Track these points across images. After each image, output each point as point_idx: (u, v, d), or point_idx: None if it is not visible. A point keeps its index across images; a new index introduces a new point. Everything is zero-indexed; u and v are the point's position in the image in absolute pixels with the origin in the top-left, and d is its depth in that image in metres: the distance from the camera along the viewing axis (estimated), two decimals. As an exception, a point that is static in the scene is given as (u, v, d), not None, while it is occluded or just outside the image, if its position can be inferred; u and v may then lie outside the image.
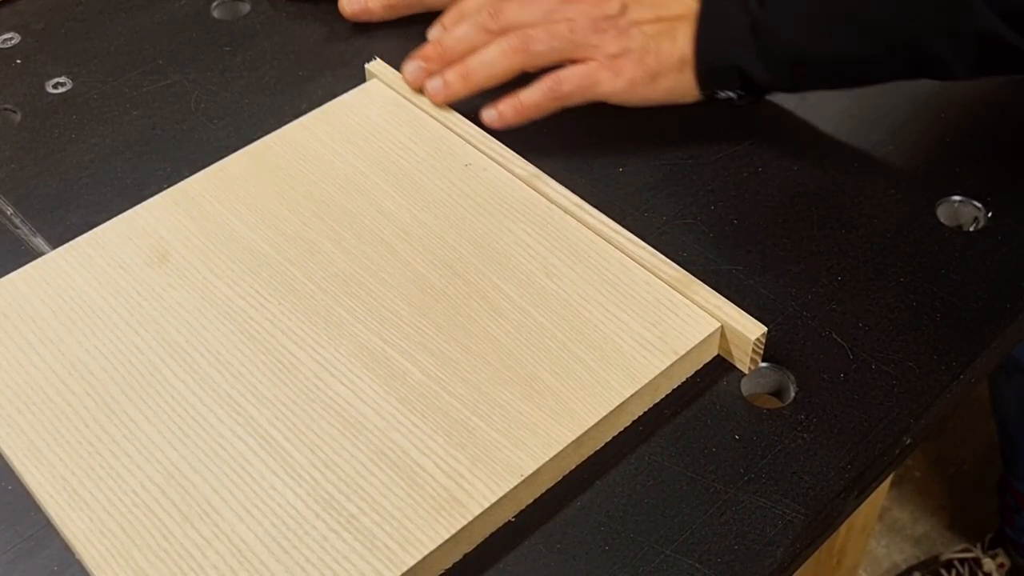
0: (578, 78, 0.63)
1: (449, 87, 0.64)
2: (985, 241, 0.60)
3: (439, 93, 0.64)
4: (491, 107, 0.64)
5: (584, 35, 0.62)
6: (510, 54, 0.63)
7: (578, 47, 0.63)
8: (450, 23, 0.67)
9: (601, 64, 0.62)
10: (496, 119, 0.64)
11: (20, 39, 0.75)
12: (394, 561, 0.45)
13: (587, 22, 0.63)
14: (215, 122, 0.69)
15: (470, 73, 0.64)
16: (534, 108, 0.63)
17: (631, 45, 0.62)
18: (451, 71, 0.64)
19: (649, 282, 0.56)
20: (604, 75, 0.62)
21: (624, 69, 0.62)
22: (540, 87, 0.63)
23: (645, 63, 0.62)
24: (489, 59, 0.63)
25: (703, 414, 0.53)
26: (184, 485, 0.48)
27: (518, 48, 0.63)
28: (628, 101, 0.64)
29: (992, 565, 1.30)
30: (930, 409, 0.53)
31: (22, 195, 0.64)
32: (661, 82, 0.63)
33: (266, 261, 0.57)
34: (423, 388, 0.51)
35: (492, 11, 0.64)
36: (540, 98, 0.63)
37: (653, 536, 0.48)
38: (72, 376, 0.53)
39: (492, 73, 0.63)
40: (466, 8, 0.67)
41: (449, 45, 0.65)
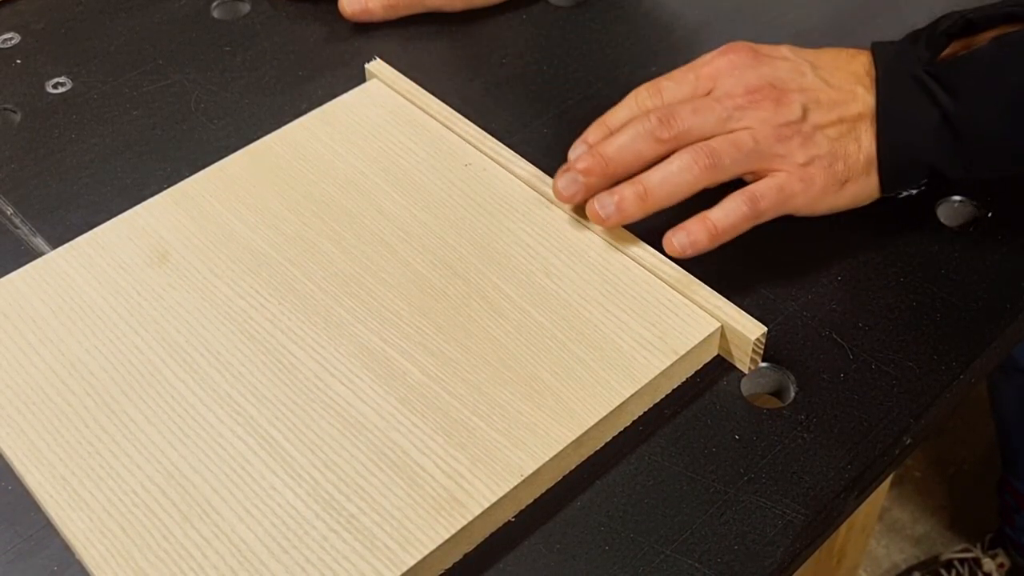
0: (774, 192, 0.56)
1: (623, 209, 0.56)
2: (985, 241, 0.60)
3: (612, 216, 0.56)
4: (680, 232, 0.56)
5: (769, 144, 0.56)
6: (697, 171, 0.56)
7: (763, 158, 0.56)
8: (597, 138, 0.59)
9: (792, 176, 0.56)
10: (689, 247, 0.56)
11: (20, 39, 0.75)
12: (394, 561, 0.45)
13: (770, 130, 0.56)
14: (215, 122, 0.69)
15: (649, 191, 0.56)
16: (730, 231, 0.56)
17: (819, 152, 0.57)
18: (627, 188, 0.56)
19: (649, 282, 0.56)
20: (797, 187, 0.56)
21: (816, 178, 0.57)
22: (736, 208, 0.56)
23: (835, 170, 0.57)
24: (671, 175, 0.56)
25: (703, 414, 0.53)
26: (184, 485, 0.48)
27: (705, 165, 0.55)
28: (816, 212, 0.58)
29: (992, 565, 1.30)
30: (930, 409, 0.53)
31: (22, 195, 0.64)
32: (849, 188, 0.58)
33: (266, 261, 0.57)
34: (423, 388, 0.51)
35: (663, 116, 0.56)
36: (736, 219, 0.56)
37: (653, 536, 0.48)
38: (72, 376, 0.53)
39: (674, 192, 0.56)
40: (617, 118, 0.59)
41: (612, 155, 0.56)
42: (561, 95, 0.69)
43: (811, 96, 0.58)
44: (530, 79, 0.71)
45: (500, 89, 0.70)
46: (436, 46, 0.74)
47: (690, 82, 0.59)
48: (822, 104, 0.58)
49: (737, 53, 0.59)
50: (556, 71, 0.71)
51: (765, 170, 0.57)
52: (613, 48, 0.73)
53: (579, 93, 0.69)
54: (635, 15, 0.76)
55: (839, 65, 0.59)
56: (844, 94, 0.58)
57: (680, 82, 0.59)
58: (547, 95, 0.69)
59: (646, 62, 0.72)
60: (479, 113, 0.66)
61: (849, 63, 0.59)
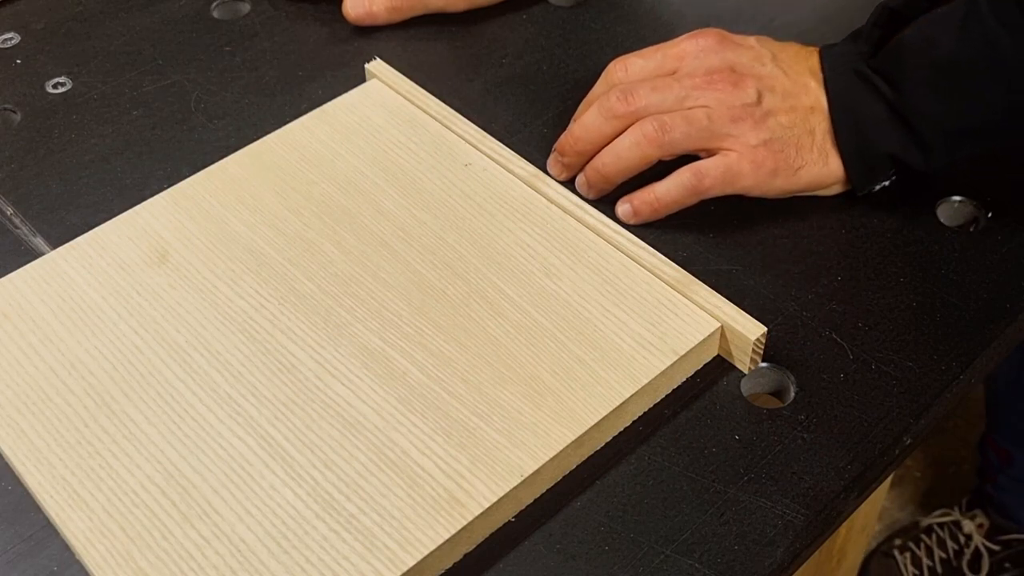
0: (720, 170, 0.59)
1: (592, 186, 0.61)
2: (985, 241, 0.60)
3: (586, 193, 0.62)
4: (625, 201, 0.60)
5: (722, 124, 0.58)
6: (645, 144, 0.59)
7: (715, 137, 0.59)
8: (580, 110, 0.64)
9: (742, 156, 0.58)
10: (631, 215, 0.60)
11: (20, 39, 0.75)
12: (394, 561, 0.45)
13: (725, 110, 0.59)
14: (215, 122, 0.69)
15: (604, 167, 0.60)
16: (672, 204, 0.60)
17: (770, 136, 0.59)
18: (589, 167, 0.61)
19: (649, 282, 0.56)
20: (746, 167, 0.58)
21: (766, 160, 0.59)
22: (680, 182, 0.59)
23: (786, 155, 0.59)
24: (622, 150, 0.59)
25: (703, 414, 0.53)
26: (184, 485, 0.48)
27: (653, 137, 0.59)
28: (768, 193, 0.60)
29: (972, 526, 1.31)
30: (930, 409, 0.53)
31: (22, 195, 0.64)
32: (803, 174, 0.59)
33: (266, 261, 0.57)
34: (423, 388, 0.51)
35: (620, 94, 0.60)
36: (679, 194, 0.59)
37: (653, 536, 0.48)
38: (72, 376, 0.53)
39: (626, 166, 0.60)
40: (593, 94, 0.64)
41: (578, 134, 0.61)
42: (561, 95, 0.69)
43: (767, 83, 0.60)
44: (530, 79, 0.71)
45: (500, 89, 0.70)
46: (436, 46, 0.74)
47: (657, 60, 0.62)
48: (776, 92, 0.60)
49: (705, 37, 0.62)
50: (556, 71, 0.71)
51: (717, 148, 0.59)
52: (613, 48, 0.73)
53: (579, 93, 0.69)
54: (635, 15, 0.76)
55: (798, 59, 0.61)
56: (799, 86, 0.60)
57: (648, 59, 0.62)
58: (547, 95, 0.69)
59: (646, 62, 0.71)
60: (479, 113, 0.66)
61: (806, 59, 0.61)
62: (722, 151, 0.59)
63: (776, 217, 0.61)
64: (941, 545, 1.31)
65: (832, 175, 0.60)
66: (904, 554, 1.32)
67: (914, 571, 1.31)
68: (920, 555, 1.32)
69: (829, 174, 0.60)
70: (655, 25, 0.75)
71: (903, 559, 1.32)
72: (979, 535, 1.30)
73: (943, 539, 1.32)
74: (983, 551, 1.29)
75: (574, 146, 0.62)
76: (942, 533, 1.32)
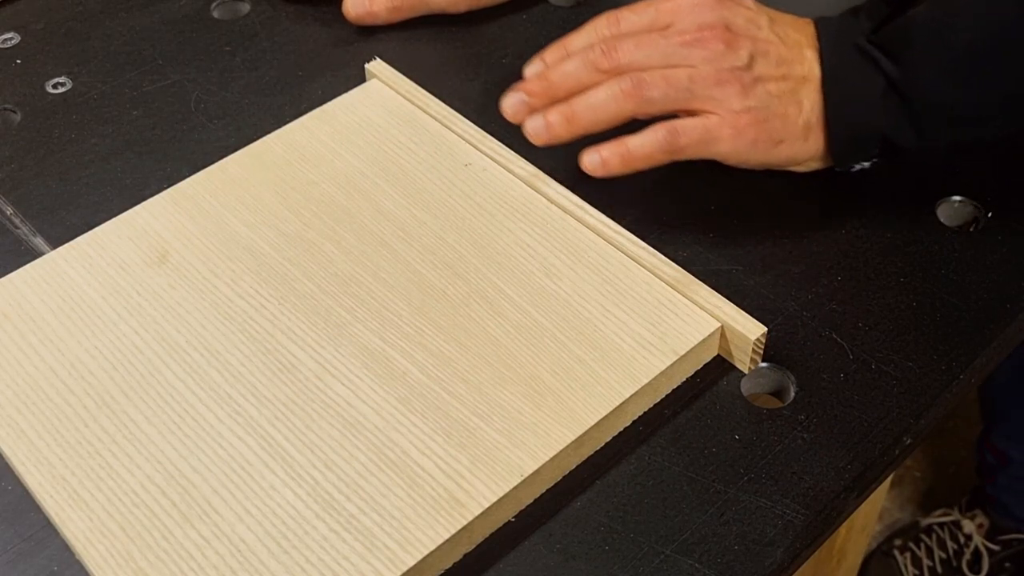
0: (698, 132, 0.56)
1: (551, 128, 0.58)
2: (985, 241, 0.60)
3: (540, 135, 0.58)
4: (593, 151, 0.58)
5: (705, 86, 0.56)
6: (621, 98, 0.57)
7: (696, 98, 0.56)
8: (553, 59, 0.61)
9: (723, 120, 0.56)
10: (599, 166, 0.58)
11: (20, 39, 0.75)
12: (394, 561, 0.45)
13: (710, 71, 0.56)
14: (215, 122, 0.69)
15: (575, 115, 0.58)
16: (644, 159, 0.57)
17: (754, 103, 0.56)
18: (555, 111, 0.58)
19: (649, 282, 0.56)
20: (725, 132, 0.56)
21: (747, 129, 0.56)
22: (654, 137, 0.57)
23: (770, 126, 0.57)
24: (597, 102, 0.57)
25: (703, 414, 0.53)
26: (184, 485, 0.48)
27: (630, 93, 0.56)
28: (746, 163, 0.58)
29: (972, 526, 1.31)
30: (930, 409, 0.53)
31: (22, 195, 0.64)
32: (784, 148, 0.58)
33: (266, 261, 0.57)
34: (423, 388, 0.51)
35: (605, 48, 0.58)
36: (652, 149, 0.57)
37: (653, 536, 0.48)
38: (72, 376, 0.53)
39: (599, 118, 0.57)
40: (574, 44, 0.60)
41: (556, 80, 0.59)
42: (561, 95, 0.69)
43: (761, 47, 0.58)
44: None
45: (500, 89, 0.70)
46: (436, 46, 0.74)
47: (650, 15, 0.59)
48: (770, 57, 0.58)
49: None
50: (556, 71, 0.71)
51: (698, 110, 0.57)
52: (613, 48, 0.73)
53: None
54: (635, 15, 0.75)
55: (796, 27, 0.60)
56: (794, 53, 0.58)
57: (640, 14, 0.60)
58: (547, 95, 0.69)
59: (646, 62, 0.71)
60: (479, 113, 0.66)
61: (803, 28, 0.60)
62: (703, 113, 0.57)
63: (776, 217, 0.61)
64: (941, 545, 1.32)
65: (811, 151, 0.59)
66: (904, 554, 1.32)
67: (914, 571, 1.31)
68: (920, 555, 1.32)
69: (807, 149, 0.58)
70: (655, 25, 0.75)
71: (903, 559, 1.32)
72: (979, 535, 1.30)
73: (943, 539, 1.32)
74: (983, 551, 1.29)
75: (548, 91, 0.59)
76: (942, 533, 1.32)
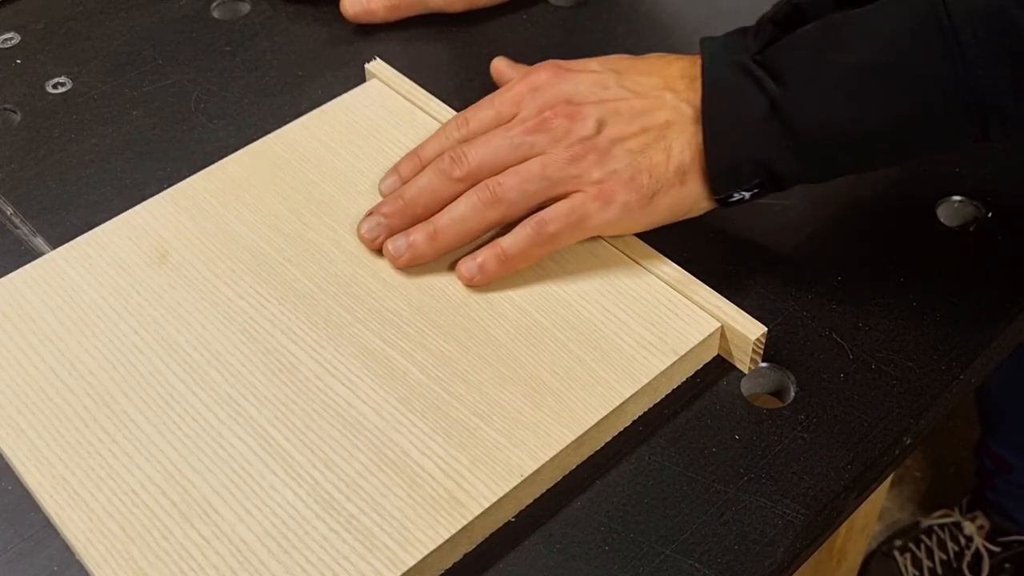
0: (563, 216, 0.55)
1: (414, 248, 0.56)
2: (985, 241, 0.60)
3: (402, 256, 0.56)
4: (470, 259, 0.56)
5: (559, 168, 0.55)
6: (482, 209, 0.55)
7: (556, 184, 0.55)
8: (407, 172, 0.59)
9: (587, 195, 0.55)
10: (477, 273, 0.55)
11: (20, 39, 0.75)
12: (394, 561, 0.45)
13: (561, 152, 0.55)
14: (215, 122, 0.69)
15: (438, 233, 0.56)
16: (520, 257, 0.55)
17: (616, 167, 0.54)
18: (418, 230, 0.56)
19: (649, 282, 0.56)
20: (592, 206, 0.55)
21: (615, 194, 0.54)
22: (523, 233, 0.55)
23: (638, 183, 0.55)
24: (459, 215, 0.56)
25: (703, 414, 0.53)
26: (184, 485, 0.48)
27: (489, 201, 0.55)
28: (629, 228, 0.56)
29: (972, 528, 1.31)
30: (930, 409, 0.53)
31: (22, 195, 0.64)
32: (661, 200, 0.55)
33: (266, 261, 0.57)
34: (423, 388, 0.51)
35: (453, 156, 0.56)
36: (525, 245, 0.55)
37: (653, 536, 0.48)
38: (72, 376, 0.53)
39: (465, 231, 0.56)
40: (426, 152, 0.60)
41: (411, 197, 0.57)
42: (561, 95, 0.69)
43: (610, 108, 0.56)
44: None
45: (500, 89, 0.70)
46: (436, 46, 0.74)
47: (495, 108, 0.58)
48: (622, 115, 0.56)
49: (539, 72, 0.58)
50: (556, 71, 0.71)
51: (563, 194, 0.55)
52: (613, 48, 0.72)
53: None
54: (635, 15, 0.76)
55: (653, 71, 0.57)
56: (650, 102, 0.56)
57: (486, 109, 0.59)
58: (547, 95, 0.69)
59: (646, 62, 0.71)
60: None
61: (666, 67, 0.57)
62: (570, 195, 0.55)
63: (776, 217, 0.61)
64: (941, 546, 1.31)
65: (692, 194, 0.55)
66: (904, 555, 1.32)
67: (914, 572, 1.31)
68: (920, 556, 1.32)
69: (688, 193, 0.55)
70: (654, 25, 0.75)
71: (903, 560, 1.32)
72: (979, 536, 1.30)
73: (943, 540, 1.32)
74: (983, 552, 1.29)
75: (405, 210, 0.57)
76: (942, 534, 1.32)
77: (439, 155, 0.58)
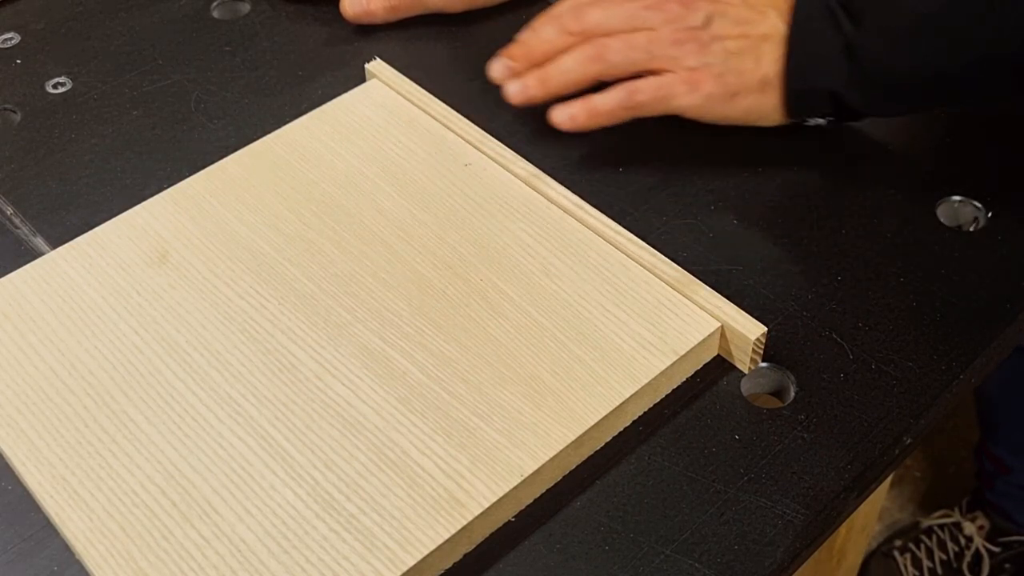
0: (653, 89, 0.61)
1: (527, 90, 0.64)
2: (985, 241, 0.60)
3: (517, 95, 0.64)
4: (563, 107, 0.63)
5: (662, 47, 0.61)
6: (585, 63, 0.62)
7: (655, 59, 0.61)
8: (539, 25, 0.66)
9: (678, 77, 0.61)
10: (567, 120, 0.63)
11: (20, 39, 0.75)
12: (394, 561, 0.45)
13: (668, 32, 0.61)
14: (215, 122, 0.69)
15: (548, 79, 0.63)
16: (607, 115, 0.62)
17: (711, 60, 0.61)
18: (531, 75, 0.64)
19: (649, 282, 0.56)
20: (680, 88, 0.61)
21: (702, 84, 0.61)
22: (615, 94, 0.62)
23: (725, 80, 0.61)
24: (566, 67, 0.62)
25: (703, 414, 0.53)
26: (184, 485, 0.48)
27: (594, 57, 0.62)
28: (703, 117, 0.62)
29: (972, 528, 1.31)
30: (930, 409, 0.53)
31: (22, 195, 0.64)
32: (740, 101, 0.61)
33: (266, 261, 0.57)
34: (423, 388, 0.51)
35: (576, 15, 0.64)
36: (614, 105, 0.62)
37: (653, 536, 0.48)
38: (72, 376, 0.53)
39: (568, 80, 0.63)
40: (554, 10, 0.66)
41: (533, 46, 0.64)
42: (561, 95, 0.69)
43: (720, 8, 0.62)
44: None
45: (500, 89, 0.70)
46: (436, 46, 0.74)
47: None
48: (728, 17, 0.61)
49: None
50: (556, 71, 0.71)
51: (658, 70, 0.61)
52: (613, 48, 0.73)
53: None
54: (635, 15, 0.76)
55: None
56: (755, 13, 0.61)
57: None
58: (547, 95, 0.69)
59: (646, 62, 0.71)
60: (479, 113, 0.66)
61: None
62: (663, 72, 0.61)
63: (776, 217, 0.61)
64: (941, 547, 1.32)
65: (768, 104, 0.61)
66: (904, 555, 1.32)
67: (914, 572, 1.31)
68: (920, 556, 1.32)
69: (764, 103, 0.61)
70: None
71: (903, 560, 1.32)
72: (979, 537, 1.30)
73: (943, 540, 1.32)
74: (983, 553, 1.29)
75: (527, 55, 0.64)
76: (942, 535, 1.32)
77: (563, 13, 0.64)
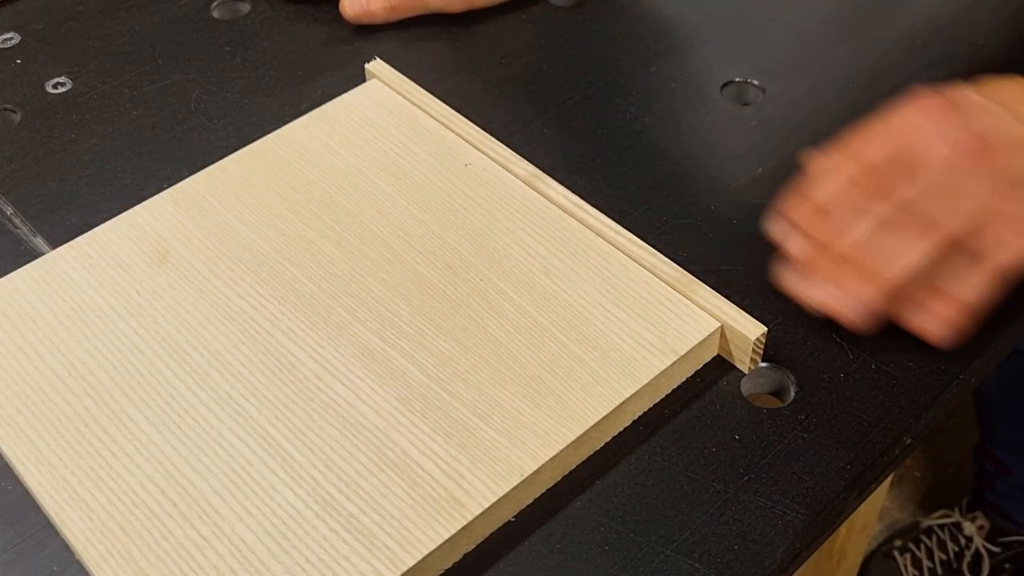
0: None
1: (868, 305, 0.53)
2: (985, 241, 0.60)
3: (854, 312, 0.54)
4: (927, 314, 0.54)
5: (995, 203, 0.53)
6: (931, 253, 0.52)
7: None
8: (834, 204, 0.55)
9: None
10: (945, 328, 0.54)
11: (20, 39, 0.75)
12: (394, 561, 0.45)
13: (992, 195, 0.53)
14: (215, 122, 0.69)
15: (887, 283, 0.53)
16: (979, 303, 0.54)
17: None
18: (870, 288, 0.53)
19: (649, 282, 0.56)
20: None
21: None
22: (988, 279, 0.53)
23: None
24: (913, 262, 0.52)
25: (703, 414, 0.53)
26: (184, 485, 0.48)
27: (938, 246, 0.52)
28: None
29: (972, 528, 1.31)
30: (930, 409, 0.53)
31: (22, 195, 0.64)
32: None
33: (266, 261, 0.57)
34: (423, 388, 0.51)
35: (911, 211, 0.53)
36: (989, 292, 0.54)
37: (653, 536, 0.48)
38: (72, 376, 0.53)
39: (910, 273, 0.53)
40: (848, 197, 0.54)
41: (853, 254, 0.53)
42: (561, 95, 0.69)
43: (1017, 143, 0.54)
44: (530, 79, 0.71)
45: (500, 89, 0.70)
46: (436, 46, 0.74)
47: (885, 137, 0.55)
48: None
49: (929, 102, 0.55)
50: (556, 71, 0.71)
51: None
52: (613, 48, 0.73)
53: (579, 93, 0.69)
54: (635, 15, 0.76)
55: (1019, 99, 0.56)
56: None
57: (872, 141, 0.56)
58: (547, 95, 0.69)
59: (646, 62, 0.72)
60: (479, 113, 0.66)
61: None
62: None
63: (776, 217, 0.61)
64: (941, 547, 1.32)
65: None
66: (904, 555, 1.32)
67: (914, 572, 1.31)
68: (920, 556, 1.32)
69: None
70: (654, 25, 0.75)
71: (903, 560, 1.32)
72: (979, 537, 1.30)
73: (943, 540, 1.32)
74: (983, 553, 1.29)
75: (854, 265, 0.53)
76: (942, 535, 1.32)
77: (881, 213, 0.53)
